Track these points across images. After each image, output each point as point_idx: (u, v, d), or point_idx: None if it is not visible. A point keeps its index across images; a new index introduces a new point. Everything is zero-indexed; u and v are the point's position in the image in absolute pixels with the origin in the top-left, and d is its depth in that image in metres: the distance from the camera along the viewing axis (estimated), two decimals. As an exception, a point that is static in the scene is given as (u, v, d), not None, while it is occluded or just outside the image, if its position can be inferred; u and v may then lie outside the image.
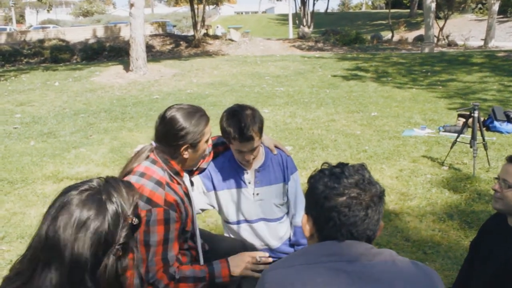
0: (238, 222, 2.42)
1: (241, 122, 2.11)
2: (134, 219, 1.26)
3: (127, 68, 13.75)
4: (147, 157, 1.95)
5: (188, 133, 1.90)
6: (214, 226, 4.06)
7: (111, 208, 1.21)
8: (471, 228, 3.83)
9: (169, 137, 1.93)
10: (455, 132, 6.28)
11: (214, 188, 2.39)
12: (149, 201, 1.81)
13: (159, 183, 1.86)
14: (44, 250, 1.18)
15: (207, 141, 2.00)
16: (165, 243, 1.83)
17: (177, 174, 1.98)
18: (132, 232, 1.27)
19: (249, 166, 2.36)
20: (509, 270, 1.86)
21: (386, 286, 1.17)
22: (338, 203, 1.23)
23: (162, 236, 1.81)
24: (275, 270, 1.26)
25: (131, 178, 1.86)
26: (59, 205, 1.20)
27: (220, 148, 2.43)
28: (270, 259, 2.06)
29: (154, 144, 1.98)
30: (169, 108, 1.98)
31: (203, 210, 2.50)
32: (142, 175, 1.87)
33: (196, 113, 1.96)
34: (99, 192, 1.23)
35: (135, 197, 1.30)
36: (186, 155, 1.95)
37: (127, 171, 1.91)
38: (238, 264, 1.98)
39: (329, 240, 1.26)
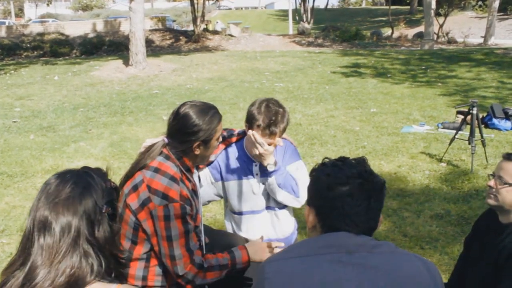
0: (245, 213, 2.45)
1: (272, 116, 2.20)
2: (112, 184, 1.40)
3: (126, 62, 13.72)
4: (160, 153, 1.97)
5: (201, 130, 1.93)
6: (213, 220, 4.08)
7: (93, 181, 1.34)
8: (468, 224, 3.85)
9: (182, 133, 1.95)
10: (453, 129, 6.30)
11: (222, 179, 2.43)
12: (165, 196, 1.84)
13: (173, 179, 1.89)
14: (34, 229, 1.25)
15: (218, 139, 2.03)
16: (186, 234, 1.87)
17: (188, 170, 2.01)
18: (112, 199, 1.38)
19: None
20: (500, 265, 1.89)
21: (384, 275, 1.19)
22: (342, 192, 1.26)
23: (182, 228, 1.85)
24: (275, 261, 1.27)
25: (146, 174, 1.89)
26: (41, 190, 1.32)
27: (229, 141, 2.46)
28: None
29: (166, 140, 2.01)
30: (183, 104, 2.01)
31: (209, 201, 2.53)
32: (157, 170, 1.90)
33: (210, 110, 1.99)
34: (77, 174, 1.36)
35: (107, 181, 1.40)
36: (197, 151, 1.98)
37: (140, 167, 1.93)
38: (256, 250, 2.06)
39: (332, 230, 1.28)
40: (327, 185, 1.28)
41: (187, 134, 1.94)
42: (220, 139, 2.08)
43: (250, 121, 2.26)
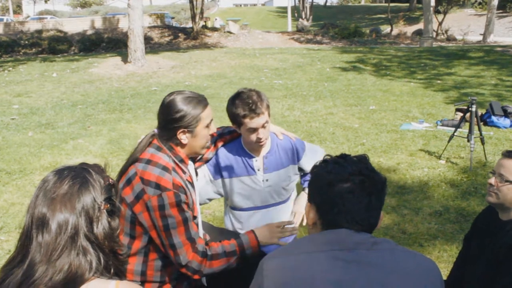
0: (247, 209, 2.45)
1: (248, 99, 2.19)
2: (110, 180, 1.39)
3: (125, 59, 13.69)
4: (150, 143, 1.97)
5: (184, 116, 1.91)
6: (212, 217, 4.08)
7: (90, 177, 1.33)
8: (467, 221, 3.86)
9: (165, 120, 1.95)
10: (452, 126, 6.30)
11: (222, 176, 2.42)
12: (157, 186, 1.83)
13: (165, 169, 1.88)
14: (33, 226, 1.25)
15: (207, 127, 1.99)
16: (185, 222, 1.85)
17: (182, 161, 1.99)
18: (112, 192, 1.37)
19: (258, 152, 2.39)
20: (499, 262, 1.89)
21: (384, 273, 1.19)
22: (343, 189, 1.25)
23: (180, 217, 1.83)
24: (275, 258, 1.27)
25: (138, 166, 1.88)
26: (39, 187, 1.32)
27: (227, 138, 2.45)
28: (297, 228, 2.14)
29: (156, 130, 2.00)
30: (171, 93, 2.01)
31: (210, 199, 2.53)
32: (148, 162, 1.89)
33: (195, 98, 1.97)
34: (75, 170, 1.35)
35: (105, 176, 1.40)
36: (184, 140, 1.95)
37: (132, 160, 1.93)
38: (265, 233, 2.01)
39: (332, 227, 1.27)
40: (328, 182, 1.28)
41: (170, 121, 1.93)
42: (212, 127, 2.03)
43: (234, 119, 2.26)
